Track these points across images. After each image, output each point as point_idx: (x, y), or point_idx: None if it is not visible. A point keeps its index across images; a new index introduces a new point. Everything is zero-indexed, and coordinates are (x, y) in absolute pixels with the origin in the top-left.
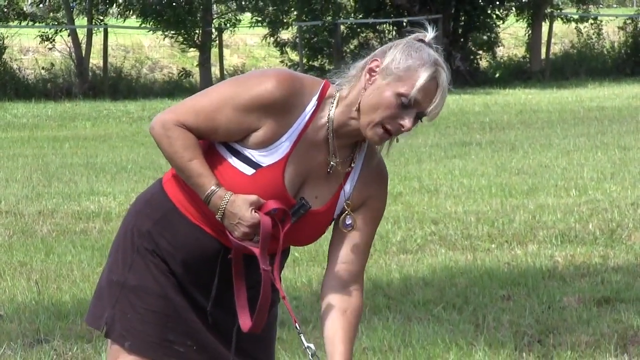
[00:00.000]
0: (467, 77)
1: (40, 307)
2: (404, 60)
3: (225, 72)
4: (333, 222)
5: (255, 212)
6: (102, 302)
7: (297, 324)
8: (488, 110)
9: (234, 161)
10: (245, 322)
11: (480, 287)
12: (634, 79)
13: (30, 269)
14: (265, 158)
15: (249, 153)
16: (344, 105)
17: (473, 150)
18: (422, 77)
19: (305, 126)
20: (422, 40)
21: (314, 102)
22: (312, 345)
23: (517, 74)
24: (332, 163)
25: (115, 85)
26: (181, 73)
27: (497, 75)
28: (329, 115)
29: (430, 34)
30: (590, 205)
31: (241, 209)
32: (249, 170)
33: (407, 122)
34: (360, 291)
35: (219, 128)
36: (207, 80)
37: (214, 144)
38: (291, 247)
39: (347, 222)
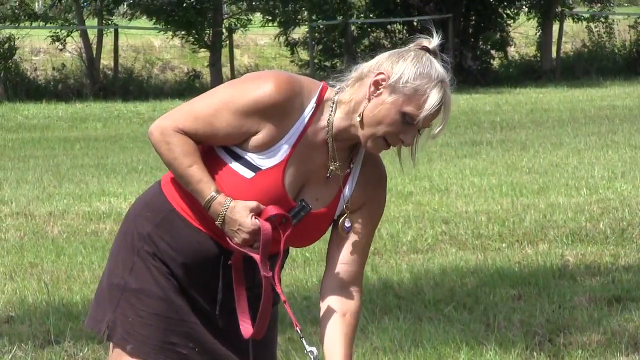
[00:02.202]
0: (478, 77)
1: (50, 308)
2: (412, 79)
3: (236, 72)
4: (332, 223)
5: (255, 218)
6: (102, 306)
7: (298, 328)
8: (499, 110)
9: (233, 164)
10: (246, 328)
11: (490, 287)
12: None
13: (41, 270)
14: (265, 161)
15: (249, 156)
16: (344, 112)
17: (484, 150)
18: (430, 101)
19: (305, 129)
20: (427, 49)
21: (312, 104)
22: (314, 349)
23: (528, 73)
24: (331, 167)
25: (126, 86)
26: (190, 74)
27: (510, 70)
28: (328, 119)
29: (435, 40)
30: (601, 204)
31: (241, 215)
32: (248, 174)
33: (408, 138)
34: (360, 292)
35: (218, 132)
36: (217, 81)
37: (214, 147)
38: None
39: (347, 225)
